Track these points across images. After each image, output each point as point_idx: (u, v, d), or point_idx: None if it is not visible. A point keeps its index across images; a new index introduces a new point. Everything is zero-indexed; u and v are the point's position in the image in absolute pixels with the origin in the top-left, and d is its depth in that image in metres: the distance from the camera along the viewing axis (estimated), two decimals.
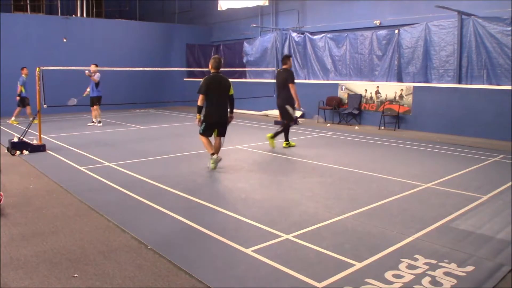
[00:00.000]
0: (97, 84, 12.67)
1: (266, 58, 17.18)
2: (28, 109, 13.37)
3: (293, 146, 9.28)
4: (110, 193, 5.80)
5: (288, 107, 8.98)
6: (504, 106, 10.29)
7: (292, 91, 8.88)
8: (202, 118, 7.00)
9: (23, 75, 13.15)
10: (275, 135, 9.12)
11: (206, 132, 7.08)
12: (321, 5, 15.78)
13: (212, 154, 7.04)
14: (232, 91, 7.07)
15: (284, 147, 9.17)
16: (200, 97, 6.88)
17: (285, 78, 8.93)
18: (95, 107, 12.86)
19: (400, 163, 7.87)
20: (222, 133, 7.19)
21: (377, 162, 7.92)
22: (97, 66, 12.54)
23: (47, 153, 8.54)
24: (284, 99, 9.03)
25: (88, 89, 12.88)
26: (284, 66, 9.16)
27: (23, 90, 13.18)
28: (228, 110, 7.19)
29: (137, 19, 21.66)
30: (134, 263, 3.67)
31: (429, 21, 12.06)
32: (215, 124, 7.08)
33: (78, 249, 3.96)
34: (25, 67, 12.99)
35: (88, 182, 6.40)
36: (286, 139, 9.24)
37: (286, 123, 9.17)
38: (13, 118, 13.60)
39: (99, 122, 13.00)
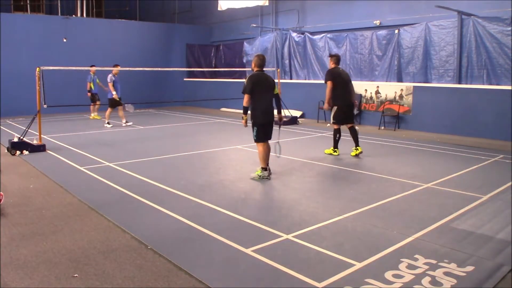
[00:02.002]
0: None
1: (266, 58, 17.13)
2: (95, 105, 14.17)
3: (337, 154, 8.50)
4: (110, 193, 5.81)
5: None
6: (504, 106, 10.27)
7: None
8: (251, 121, 6.51)
9: (91, 73, 13.80)
10: (335, 145, 8.43)
11: (261, 137, 6.50)
12: (321, 5, 15.77)
13: (265, 169, 6.54)
14: (277, 90, 6.60)
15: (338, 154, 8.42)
16: (246, 97, 6.36)
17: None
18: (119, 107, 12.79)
19: (400, 163, 7.87)
20: (269, 136, 6.65)
21: (377, 162, 7.92)
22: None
23: (47, 153, 8.54)
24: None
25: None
26: (337, 65, 8.35)
27: (92, 87, 13.93)
28: (275, 110, 6.69)
29: (137, 19, 21.67)
30: (134, 263, 3.67)
31: (429, 21, 12.05)
32: (264, 126, 6.53)
33: (78, 249, 3.97)
34: (93, 65, 13.19)
35: (88, 182, 6.40)
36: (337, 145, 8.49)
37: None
38: (92, 114, 14.41)
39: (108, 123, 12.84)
